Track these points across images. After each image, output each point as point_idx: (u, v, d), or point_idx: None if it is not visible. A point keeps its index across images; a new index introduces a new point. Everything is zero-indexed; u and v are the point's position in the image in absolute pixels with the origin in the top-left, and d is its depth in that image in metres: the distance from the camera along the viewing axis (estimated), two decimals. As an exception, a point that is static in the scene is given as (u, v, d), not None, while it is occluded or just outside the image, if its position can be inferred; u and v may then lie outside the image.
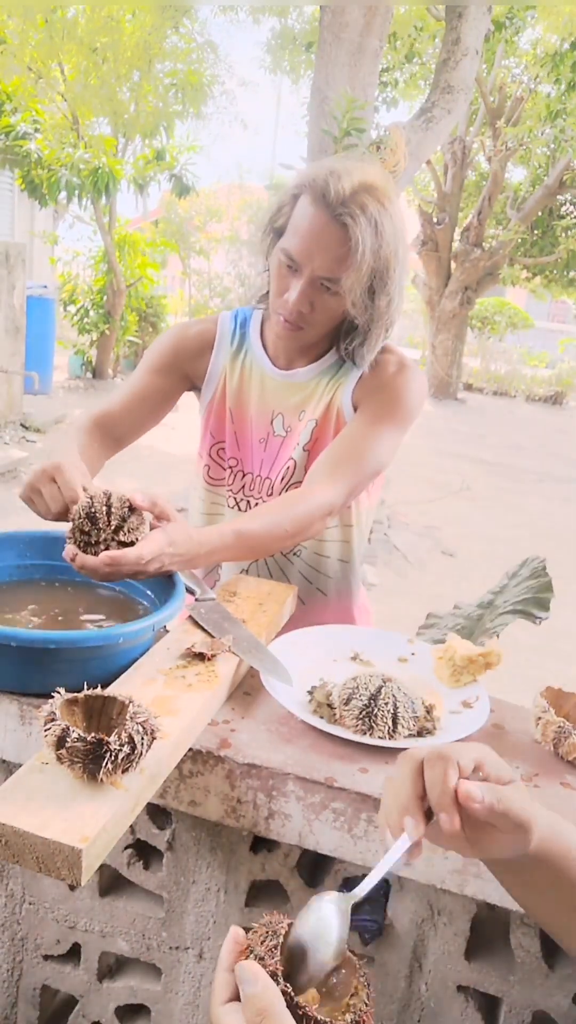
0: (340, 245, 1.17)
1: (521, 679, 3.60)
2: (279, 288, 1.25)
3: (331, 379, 1.34)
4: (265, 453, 1.38)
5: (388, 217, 1.18)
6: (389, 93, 10.01)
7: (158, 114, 8.72)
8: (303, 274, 1.20)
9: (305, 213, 1.19)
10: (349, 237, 1.16)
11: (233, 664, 0.98)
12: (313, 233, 1.18)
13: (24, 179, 8.44)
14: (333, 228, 1.17)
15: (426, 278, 12.62)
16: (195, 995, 1.00)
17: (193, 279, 13.42)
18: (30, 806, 0.69)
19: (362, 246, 1.15)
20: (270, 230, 1.28)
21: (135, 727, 0.72)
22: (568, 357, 18.02)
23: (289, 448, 1.36)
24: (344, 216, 1.16)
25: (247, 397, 1.38)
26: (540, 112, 9.82)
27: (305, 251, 1.19)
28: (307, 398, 1.35)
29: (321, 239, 1.18)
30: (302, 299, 1.21)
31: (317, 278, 1.20)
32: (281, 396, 1.36)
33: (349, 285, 1.19)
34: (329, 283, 1.20)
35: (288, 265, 1.22)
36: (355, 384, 1.33)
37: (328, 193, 1.16)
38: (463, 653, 1.04)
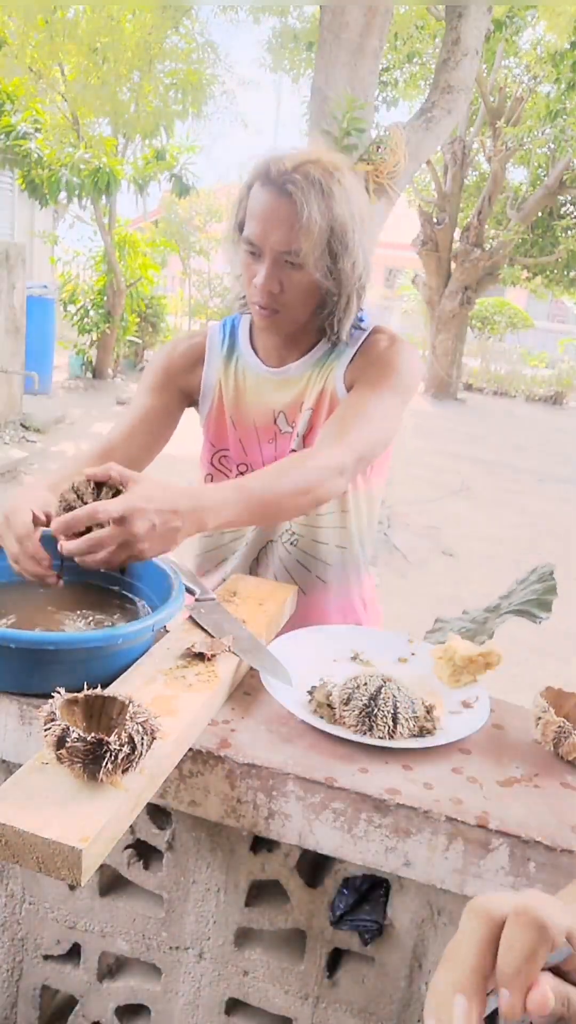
0: (291, 215, 1.18)
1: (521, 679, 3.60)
2: (248, 277, 1.26)
3: (323, 366, 1.34)
4: (277, 452, 1.38)
5: (335, 181, 1.19)
6: (389, 93, 10.02)
7: (158, 114, 8.72)
8: (265, 255, 1.21)
9: (256, 197, 1.21)
10: (295, 204, 1.17)
11: (233, 664, 0.98)
12: (264, 212, 1.20)
13: (24, 179, 8.44)
14: (281, 201, 1.18)
15: (426, 278, 12.62)
16: (195, 995, 1.00)
17: (193, 279, 13.42)
18: (30, 806, 0.69)
19: (307, 209, 1.16)
20: (236, 230, 1.28)
21: (135, 727, 0.73)
22: (568, 357, 18.01)
23: (292, 441, 1.36)
24: (287, 185, 1.17)
25: (245, 402, 1.39)
26: (540, 112, 9.82)
27: (261, 231, 1.20)
28: (303, 391, 1.35)
29: (272, 215, 1.19)
30: (269, 279, 1.22)
31: (278, 254, 1.20)
32: (279, 394, 1.37)
33: (308, 250, 1.19)
34: (290, 256, 1.20)
35: (251, 252, 1.23)
36: (346, 367, 1.32)
37: (271, 171, 1.18)
38: (463, 653, 1.04)
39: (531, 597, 1.11)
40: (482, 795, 0.85)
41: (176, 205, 12.19)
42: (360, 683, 0.95)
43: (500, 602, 1.20)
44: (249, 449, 1.40)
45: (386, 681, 0.95)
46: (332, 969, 0.95)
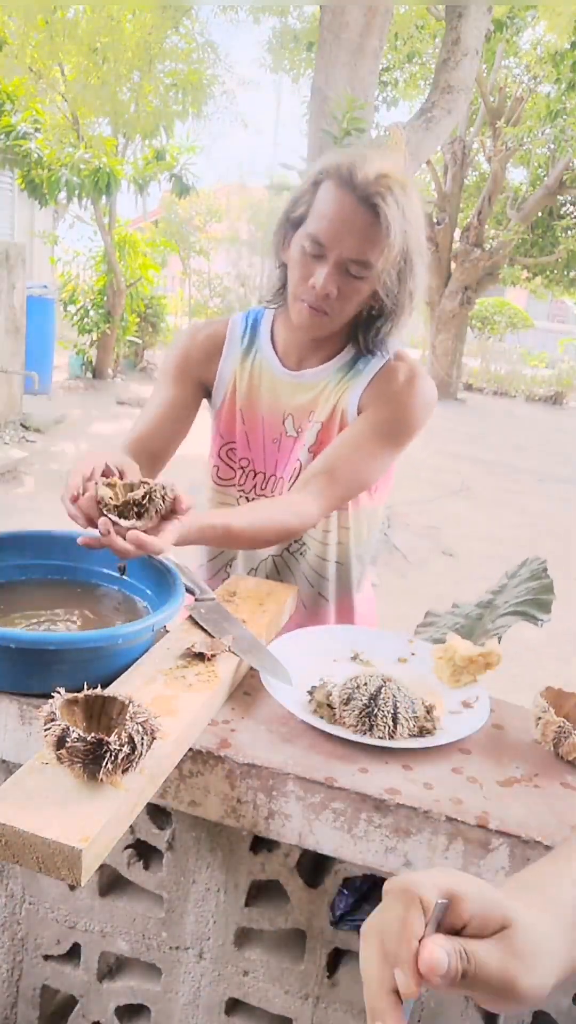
0: (370, 227, 1.17)
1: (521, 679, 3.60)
2: (303, 275, 1.23)
3: (340, 381, 1.34)
4: (279, 453, 1.38)
5: (411, 204, 1.20)
6: (389, 93, 10.02)
7: (158, 114, 8.72)
8: (330, 258, 1.20)
9: (331, 197, 1.19)
10: (379, 219, 1.16)
11: (233, 664, 0.98)
12: (342, 215, 1.18)
13: (24, 179, 8.44)
14: (362, 210, 1.17)
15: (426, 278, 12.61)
16: (195, 995, 1.00)
17: (193, 279, 13.43)
18: (30, 806, 0.69)
19: (394, 227, 1.17)
20: (286, 223, 1.28)
21: (135, 727, 0.73)
22: (568, 357, 18.01)
23: (298, 449, 1.36)
24: (373, 197, 1.16)
25: (258, 398, 1.38)
26: (540, 112, 9.82)
27: (334, 233, 1.18)
28: (315, 399, 1.35)
29: (350, 221, 1.18)
30: (329, 283, 1.20)
31: (344, 261, 1.19)
32: (290, 397, 1.36)
33: (381, 267, 1.19)
34: (357, 266, 1.20)
35: (313, 252, 1.21)
36: (364, 388, 1.32)
37: (355, 176, 1.16)
38: (463, 653, 1.04)
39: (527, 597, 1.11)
40: (482, 795, 0.85)
41: (176, 205, 12.19)
42: (360, 683, 0.95)
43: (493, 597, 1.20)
44: (254, 445, 1.40)
45: (386, 681, 0.95)
46: (332, 969, 0.95)
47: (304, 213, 1.23)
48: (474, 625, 1.10)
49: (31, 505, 5.41)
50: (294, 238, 1.25)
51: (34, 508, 5.36)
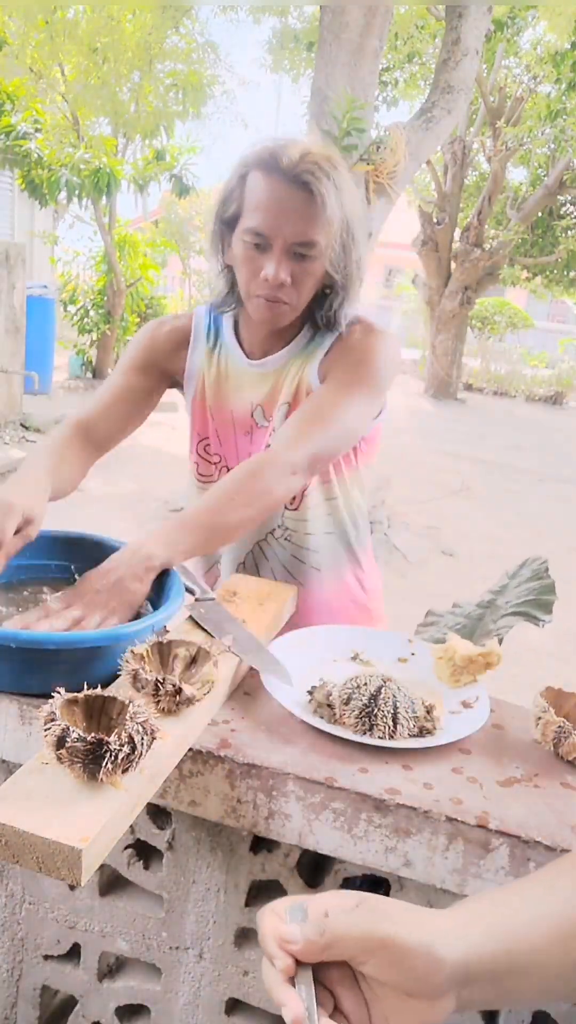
0: (307, 207, 1.16)
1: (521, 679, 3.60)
2: (252, 270, 1.22)
3: (300, 358, 1.33)
4: (252, 446, 1.37)
5: (340, 175, 1.19)
6: (389, 93, 10.01)
7: (158, 114, 8.72)
8: (275, 246, 1.18)
9: (261, 186, 1.17)
10: (314, 196, 1.15)
11: (233, 664, 0.98)
12: (276, 201, 1.16)
13: (24, 179, 8.44)
14: (295, 192, 1.15)
15: (426, 278, 12.62)
16: (195, 995, 1.00)
17: (193, 279, 13.42)
18: (30, 806, 0.69)
19: (329, 201, 1.15)
20: (220, 225, 1.26)
21: (135, 727, 0.73)
22: (568, 357, 18.00)
23: (269, 436, 1.35)
24: (303, 175, 1.14)
25: (226, 393, 1.38)
26: (540, 112, 9.81)
27: (273, 221, 1.17)
28: (280, 383, 1.34)
29: (286, 205, 1.16)
30: (281, 270, 1.19)
31: (290, 246, 1.18)
32: (257, 387, 1.35)
33: (326, 243, 1.18)
34: (303, 248, 1.19)
35: (256, 244, 1.19)
36: (321, 358, 1.31)
37: (280, 160, 1.15)
38: (463, 653, 1.04)
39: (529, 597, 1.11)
40: (482, 795, 0.85)
41: (176, 205, 12.19)
42: (360, 683, 0.95)
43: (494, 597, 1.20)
44: (225, 440, 1.39)
45: (386, 681, 0.95)
46: (332, 969, 0.95)
47: (237, 210, 1.22)
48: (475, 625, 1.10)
49: (31, 505, 5.40)
50: (233, 238, 1.24)
51: (34, 508, 5.36)
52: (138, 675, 0.84)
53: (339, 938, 0.52)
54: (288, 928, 0.54)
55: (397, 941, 0.52)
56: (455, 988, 0.53)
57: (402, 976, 0.52)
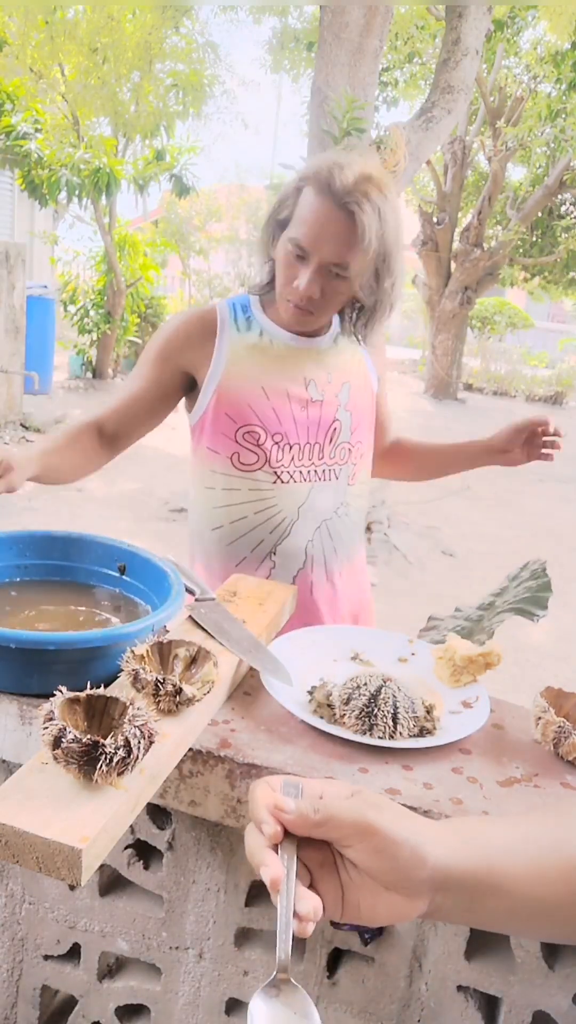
0: (347, 232, 1.23)
1: (521, 679, 3.60)
2: (287, 276, 1.30)
3: (347, 348, 1.45)
4: (310, 420, 1.41)
5: (388, 205, 1.25)
6: (389, 93, 10.02)
7: (158, 114, 8.72)
8: (311, 261, 1.26)
9: (311, 203, 1.25)
10: (356, 224, 1.22)
11: (233, 664, 0.98)
12: (320, 221, 1.24)
13: (24, 179, 8.44)
14: (339, 216, 1.23)
15: (426, 278, 12.62)
16: (195, 995, 1.00)
17: (193, 279, 13.43)
18: (30, 806, 0.69)
19: (369, 232, 1.22)
20: (273, 223, 1.34)
21: (132, 730, 0.72)
22: (568, 357, 18.01)
23: (331, 410, 1.42)
24: (350, 204, 1.22)
25: (279, 370, 1.40)
26: (540, 112, 9.81)
27: (313, 239, 1.24)
28: (331, 361, 1.43)
29: (329, 227, 1.24)
30: (312, 286, 1.27)
31: (326, 264, 1.26)
32: (308, 362, 1.41)
33: (357, 269, 1.26)
34: (337, 268, 1.26)
35: (296, 254, 1.27)
36: (367, 354, 1.49)
37: (333, 183, 1.22)
38: (463, 653, 1.04)
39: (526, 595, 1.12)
40: (482, 795, 0.85)
41: (176, 205, 12.20)
42: (360, 683, 0.95)
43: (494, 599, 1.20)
44: (283, 418, 1.40)
45: (386, 681, 0.95)
46: (332, 969, 0.95)
47: (289, 215, 1.30)
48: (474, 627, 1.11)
49: (31, 505, 5.41)
50: (280, 238, 1.31)
51: (34, 508, 5.36)
52: (138, 675, 0.84)
53: (331, 818, 0.54)
54: (284, 798, 0.56)
55: (386, 830, 0.54)
56: (431, 891, 0.55)
57: (385, 865, 0.54)
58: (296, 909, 0.52)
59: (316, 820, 0.54)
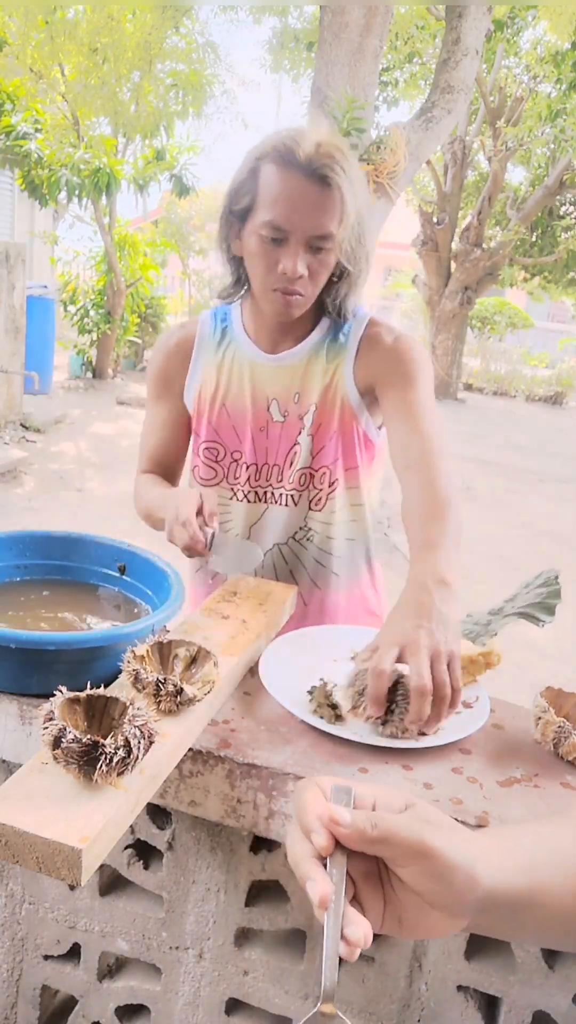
0: (325, 201, 1.16)
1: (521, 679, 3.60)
2: (267, 264, 1.21)
3: (325, 361, 1.32)
4: (268, 441, 1.36)
5: (351, 164, 1.19)
6: (389, 93, 10.01)
7: (158, 114, 8.71)
8: (292, 240, 1.18)
9: (277, 180, 1.16)
10: (332, 190, 1.15)
11: (233, 664, 0.98)
12: (294, 196, 1.16)
13: (24, 179, 8.44)
14: (312, 186, 1.15)
15: (426, 278, 12.62)
16: (195, 995, 1.00)
17: (193, 279, 13.42)
18: (30, 806, 0.69)
19: (347, 194, 1.16)
20: (230, 216, 1.25)
21: (132, 730, 0.72)
22: (568, 357, 18.01)
23: (292, 433, 1.35)
24: (322, 169, 1.14)
25: (240, 388, 1.37)
26: (540, 112, 9.81)
27: (291, 216, 1.16)
28: (299, 380, 1.34)
29: (305, 199, 1.16)
30: (300, 263, 1.19)
31: (309, 239, 1.18)
32: (273, 381, 1.35)
33: (342, 235, 1.19)
34: (321, 241, 1.18)
35: (272, 238, 1.18)
36: (353, 362, 1.32)
37: (297, 154, 1.14)
38: (463, 653, 1.04)
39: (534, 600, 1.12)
40: (482, 795, 0.85)
41: (176, 205, 12.19)
42: None
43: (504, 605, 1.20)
44: (243, 436, 1.38)
45: (402, 676, 0.94)
46: (332, 969, 0.95)
47: (250, 202, 1.21)
48: (483, 631, 1.11)
49: (31, 505, 5.41)
50: (245, 231, 1.24)
51: (34, 508, 5.36)
52: (139, 675, 0.84)
53: (390, 836, 0.51)
54: (339, 809, 0.52)
55: (444, 855, 0.51)
56: (474, 911, 0.52)
57: (438, 888, 0.51)
58: (344, 932, 0.48)
59: (373, 837, 0.51)
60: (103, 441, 7.37)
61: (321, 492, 1.36)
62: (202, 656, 0.92)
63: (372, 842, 0.51)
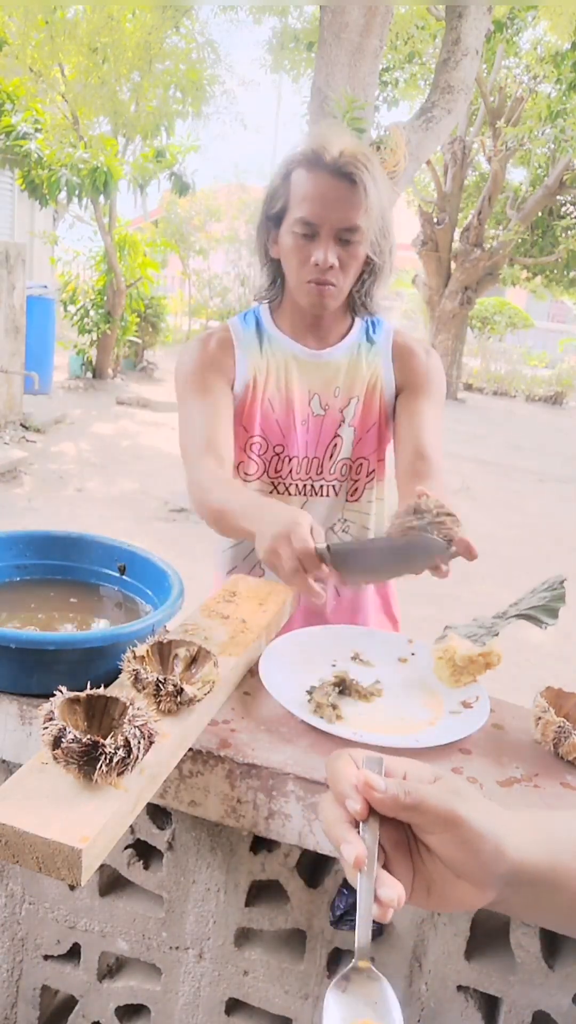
0: (351, 195, 1.26)
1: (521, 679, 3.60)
2: (301, 259, 1.30)
3: (365, 360, 1.42)
4: (309, 435, 1.42)
5: (375, 165, 1.29)
6: (389, 93, 10.02)
7: (158, 114, 8.72)
8: (323, 233, 1.27)
9: (307, 180, 1.27)
10: (357, 185, 1.25)
11: (233, 664, 0.98)
12: (323, 192, 1.26)
13: (24, 179, 8.44)
14: (339, 183, 1.25)
15: (426, 278, 12.62)
16: (195, 995, 1.00)
17: (193, 279, 13.43)
18: (30, 806, 0.69)
19: (371, 190, 1.26)
20: (267, 221, 1.35)
21: (132, 730, 0.72)
22: (568, 357, 18.01)
23: (332, 425, 1.42)
24: (346, 167, 1.25)
25: (284, 383, 1.41)
26: (540, 112, 9.81)
27: (320, 211, 1.26)
28: (339, 375, 1.42)
29: (332, 194, 1.26)
30: (330, 254, 1.28)
31: (337, 231, 1.27)
32: (314, 375, 1.42)
33: (368, 228, 1.28)
34: (348, 234, 1.27)
35: (304, 234, 1.28)
36: (390, 365, 1.44)
37: (324, 156, 1.26)
38: (463, 653, 1.04)
39: (539, 603, 1.13)
40: (482, 795, 0.85)
41: (176, 205, 12.20)
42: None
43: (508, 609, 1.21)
44: (287, 431, 1.42)
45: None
46: (332, 969, 0.95)
47: (283, 206, 1.31)
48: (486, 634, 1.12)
49: (31, 505, 5.41)
50: (280, 232, 1.33)
51: (34, 508, 5.36)
52: (139, 675, 0.84)
53: (422, 803, 0.53)
54: (374, 776, 0.54)
55: (473, 824, 0.52)
56: (501, 885, 0.54)
57: (466, 857, 0.53)
58: (378, 894, 0.50)
59: (406, 803, 0.53)
60: (103, 441, 7.37)
61: (359, 482, 1.45)
62: (202, 656, 0.92)
63: (405, 808, 0.53)
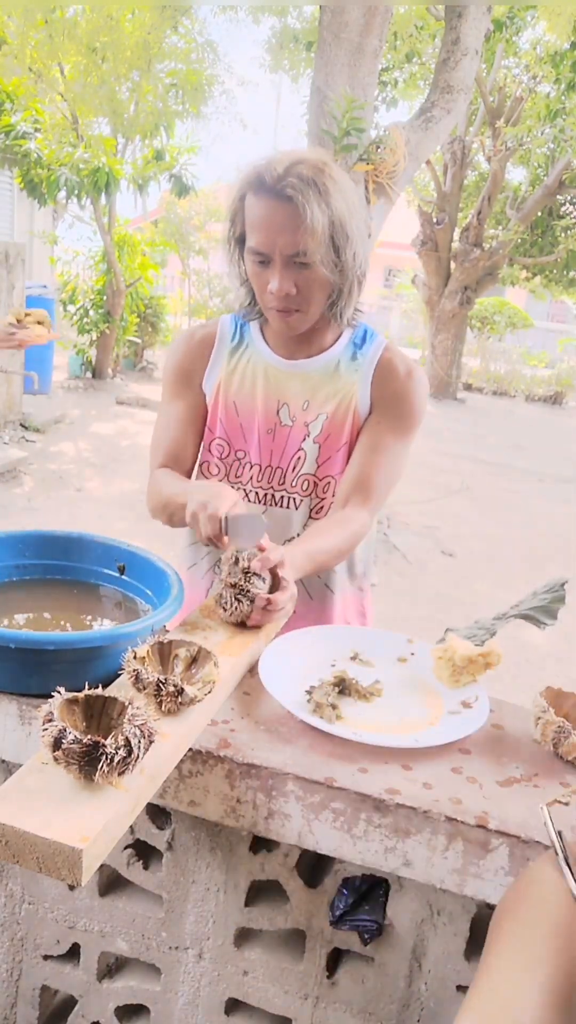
0: (293, 218, 1.19)
1: (521, 679, 3.60)
2: (260, 286, 1.28)
3: (342, 376, 1.37)
4: (274, 443, 1.40)
5: (327, 177, 1.21)
6: (389, 93, 10.00)
7: (158, 114, 8.71)
8: (274, 261, 1.23)
9: (252, 206, 1.23)
10: (296, 206, 1.19)
11: (233, 664, 0.98)
12: (266, 219, 1.21)
13: (24, 179, 8.43)
14: (281, 206, 1.20)
15: (426, 278, 12.62)
16: (195, 995, 1.00)
17: (193, 279, 13.42)
18: (30, 806, 0.69)
19: (308, 209, 1.18)
20: (233, 243, 1.31)
21: (132, 730, 0.72)
22: (568, 357, 18.01)
23: (297, 438, 1.38)
24: (285, 190, 1.18)
25: (251, 389, 1.40)
26: (540, 112, 9.80)
27: (267, 239, 1.22)
28: (312, 389, 1.38)
29: (274, 220, 1.21)
30: (284, 282, 1.24)
31: (287, 258, 1.22)
32: (285, 386, 1.38)
33: (314, 249, 1.21)
34: (299, 258, 1.22)
35: (259, 262, 1.25)
36: (369, 381, 1.37)
37: (264, 178, 1.20)
38: (463, 653, 1.04)
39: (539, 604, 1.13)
40: (482, 795, 0.85)
41: (176, 205, 12.18)
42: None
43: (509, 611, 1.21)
44: (249, 436, 1.41)
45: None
46: (332, 969, 0.95)
47: (241, 229, 1.27)
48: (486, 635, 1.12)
49: (30, 505, 5.41)
50: (244, 255, 1.29)
51: (33, 508, 5.36)
52: (140, 676, 0.84)
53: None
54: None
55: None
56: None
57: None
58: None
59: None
60: (102, 441, 7.37)
61: (324, 501, 1.40)
62: (202, 656, 0.92)
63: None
